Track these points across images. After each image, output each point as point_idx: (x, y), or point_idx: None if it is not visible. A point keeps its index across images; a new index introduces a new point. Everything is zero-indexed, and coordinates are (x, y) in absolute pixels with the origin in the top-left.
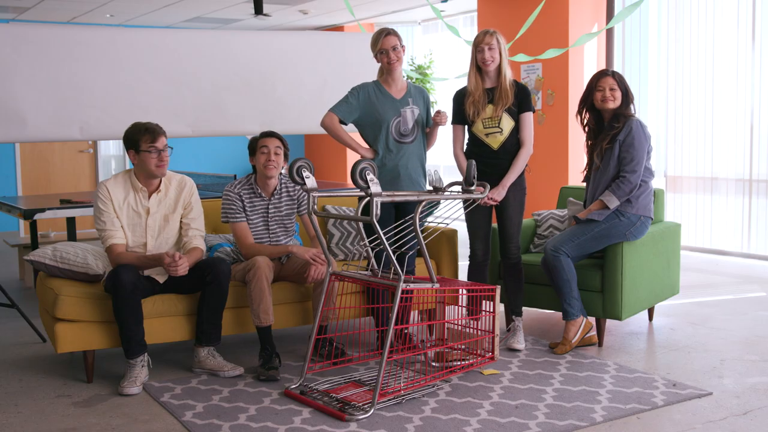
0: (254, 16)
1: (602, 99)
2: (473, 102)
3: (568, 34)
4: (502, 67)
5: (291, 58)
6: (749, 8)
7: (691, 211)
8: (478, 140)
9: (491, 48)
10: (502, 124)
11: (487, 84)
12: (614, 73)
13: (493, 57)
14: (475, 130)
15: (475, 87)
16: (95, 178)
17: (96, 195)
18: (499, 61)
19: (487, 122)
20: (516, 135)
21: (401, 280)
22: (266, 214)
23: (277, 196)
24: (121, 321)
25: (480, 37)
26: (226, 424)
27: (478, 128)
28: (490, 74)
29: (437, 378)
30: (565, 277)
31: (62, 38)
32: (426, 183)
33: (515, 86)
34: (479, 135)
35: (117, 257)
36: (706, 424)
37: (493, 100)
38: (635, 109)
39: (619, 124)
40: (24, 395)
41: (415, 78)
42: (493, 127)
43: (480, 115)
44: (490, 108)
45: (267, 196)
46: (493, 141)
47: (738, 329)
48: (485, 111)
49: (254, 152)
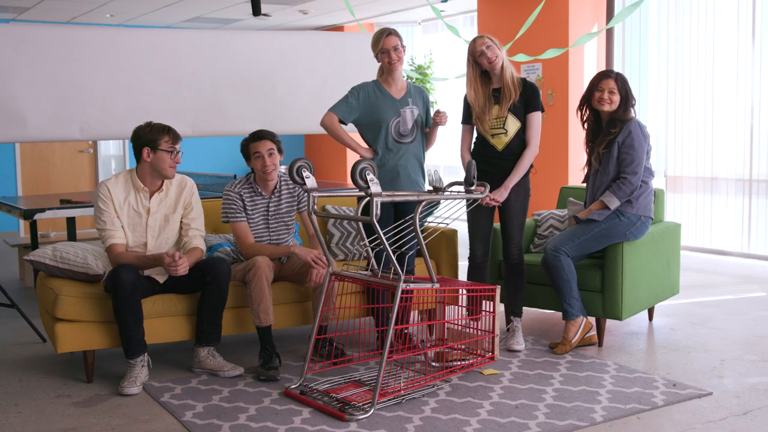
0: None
1: (599, 100)
2: (477, 115)
3: (568, 34)
4: (504, 62)
5: (291, 58)
6: (749, 8)
7: (691, 211)
8: (483, 140)
9: (489, 47)
10: (506, 125)
11: (494, 84)
12: (617, 76)
13: (495, 54)
14: (481, 131)
15: (477, 99)
16: (95, 178)
17: (96, 194)
18: (501, 57)
19: (493, 123)
20: (522, 136)
21: (401, 280)
22: (267, 212)
23: (277, 193)
24: (121, 321)
25: (472, 44)
26: (226, 424)
27: (484, 129)
28: (497, 73)
29: (437, 378)
30: (565, 277)
31: (62, 38)
32: (425, 183)
33: (522, 84)
34: (485, 135)
35: (117, 257)
36: (706, 424)
37: (498, 101)
38: (636, 111)
39: (615, 129)
40: (24, 395)
41: (415, 78)
42: (498, 128)
43: (486, 116)
44: (496, 109)
45: (267, 195)
46: (497, 142)
47: (738, 329)
48: (491, 112)
49: (248, 157)
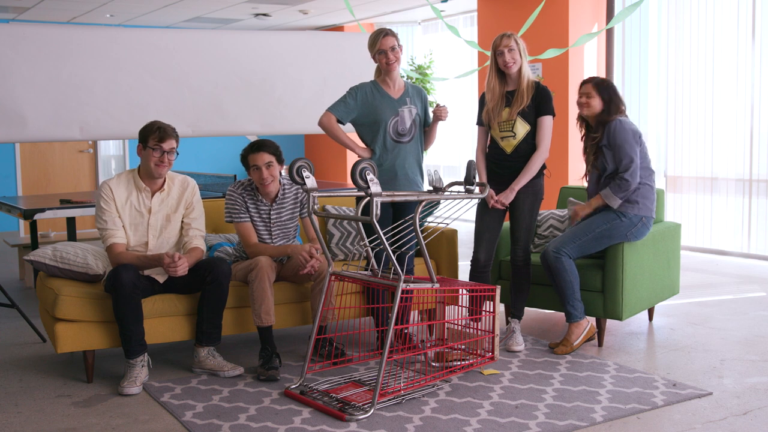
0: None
1: (578, 105)
2: (488, 110)
3: (568, 34)
4: (523, 68)
5: (291, 58)
6: (749, 8)
7: (691, 211)
8: (494, 143)
9: (511, 50)
10: (515, 128)
11: (509, 86)
12: (594, 80)
13: (514, 59)
14: (492, 133)
15: (492, 94)
16: (95, 178)
17: (98, 194)
18: (520, 63)
19: (502, 126)
20: (531, 140)
21: (401, 280)
22: (268, 219)
23: (279, 201)
24: (121, 321)
25: (498, 40)
26: (226, 424)
27: (495, 131)
28: (513, 77)
29: (437, 378)
30: (568, 279)
31: (62, 38)
32: (423, 182)
33: (534, 88)
34: (495, 138)
35: (117, 257)
36: (706, 424)
37: (510, 104)
38: (626, 115)
39: (597, 133)
40: (24, 395)
41: (415, 78)
42: (507, 131)
43: (497, 119)
44: (506, 111)
45: (269, 202)
46: (506, 145)
47: (738, 329)
48: (501, 115)
49: (247, 167)
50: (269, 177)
